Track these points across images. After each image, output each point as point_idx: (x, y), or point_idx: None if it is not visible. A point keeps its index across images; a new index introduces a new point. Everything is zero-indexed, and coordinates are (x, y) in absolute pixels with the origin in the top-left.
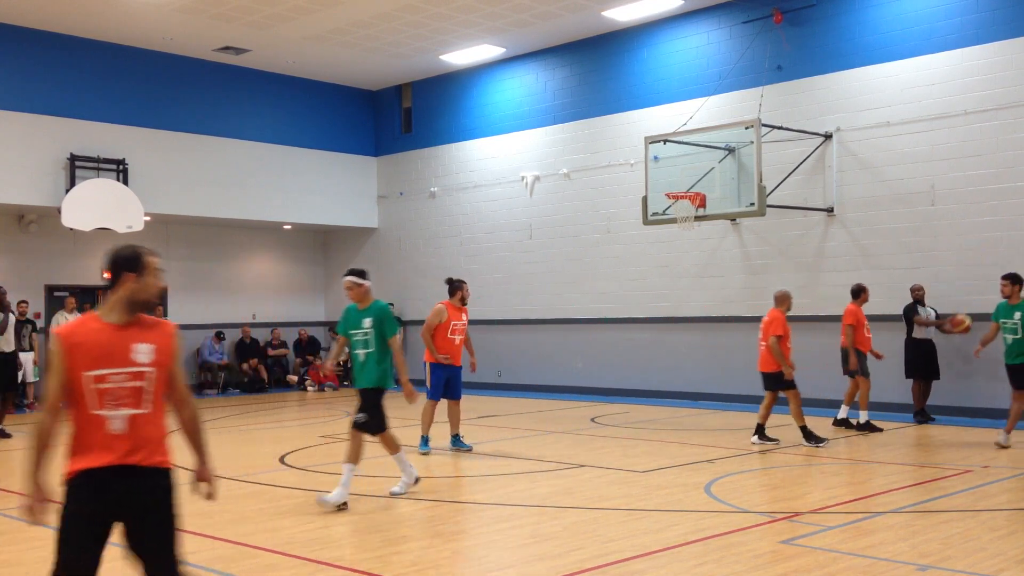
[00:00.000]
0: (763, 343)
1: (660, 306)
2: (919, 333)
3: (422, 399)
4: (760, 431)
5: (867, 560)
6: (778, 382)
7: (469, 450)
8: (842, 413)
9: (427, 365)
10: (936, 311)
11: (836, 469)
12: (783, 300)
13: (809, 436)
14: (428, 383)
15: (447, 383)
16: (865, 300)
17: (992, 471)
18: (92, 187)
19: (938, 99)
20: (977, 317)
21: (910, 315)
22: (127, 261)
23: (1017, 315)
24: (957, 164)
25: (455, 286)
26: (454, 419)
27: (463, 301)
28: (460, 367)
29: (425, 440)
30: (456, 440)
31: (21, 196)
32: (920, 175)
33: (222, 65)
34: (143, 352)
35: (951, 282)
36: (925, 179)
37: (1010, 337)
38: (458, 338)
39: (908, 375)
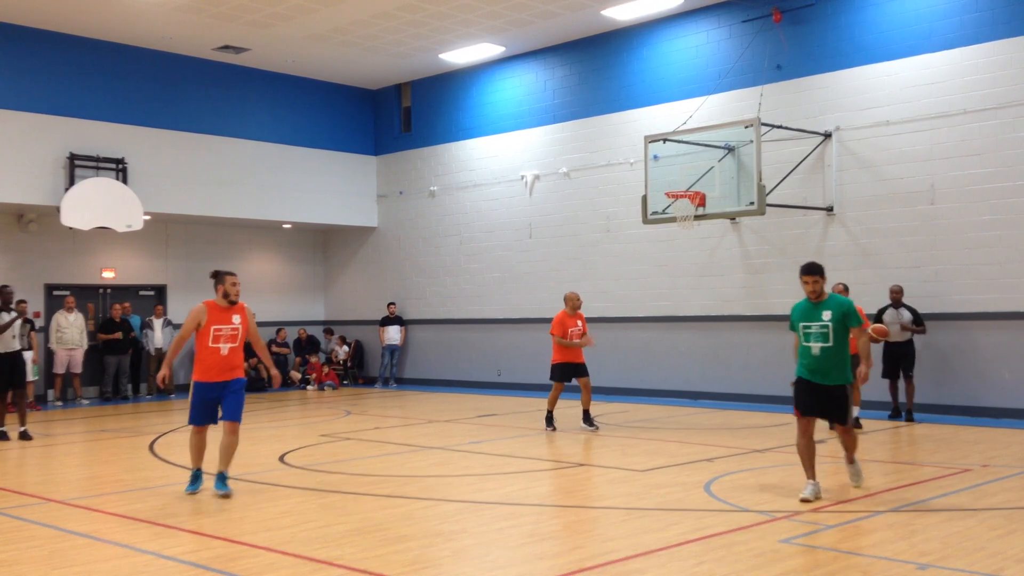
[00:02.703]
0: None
1: (660, 305)
2: (894, 335)
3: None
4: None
5: (867, 559)
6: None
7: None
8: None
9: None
10: (915, 312)
11: (835, 468)
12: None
13: None
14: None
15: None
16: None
17: (991, 470)
18: (91, 186)
19: (938, 98)
20: (977, 317)
21: (879, 317)
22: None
23: (827, 314)
24: (957, 163)
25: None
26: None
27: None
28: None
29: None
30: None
31: (21, 195)
32: (920, 174)
33: (222, 64)
34: None
35: (951, 281)
36: (925, 178)
37: (817, 346)
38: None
39: (884, 375)
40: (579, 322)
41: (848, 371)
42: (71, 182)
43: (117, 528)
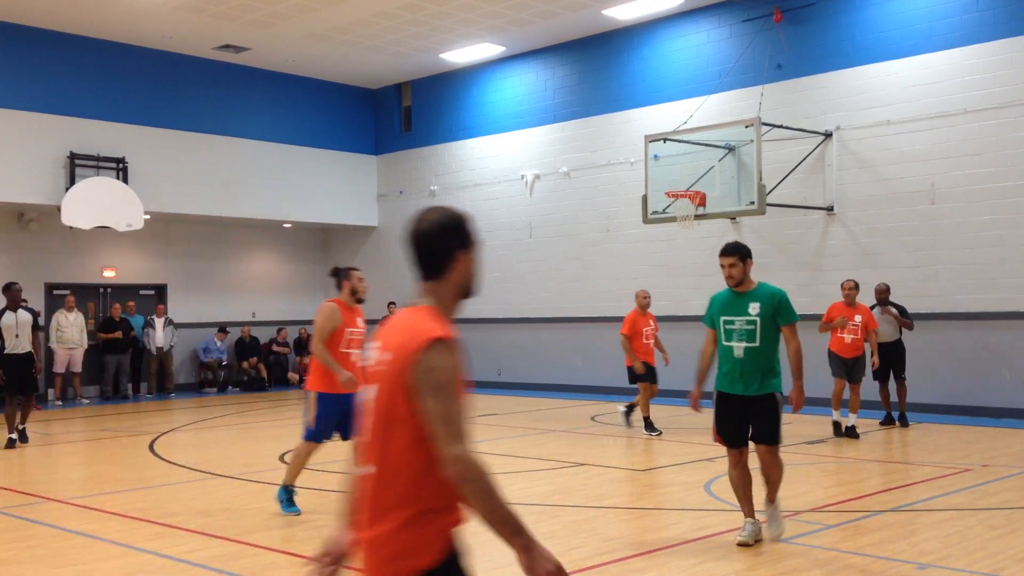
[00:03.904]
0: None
1: (660, 305)
2: (883, 335)
3: None
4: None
5: (866, 559)
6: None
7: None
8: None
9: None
10: (902, 309)
11: (835, 468)
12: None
13: None
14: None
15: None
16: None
17: (991, 470)
18: (92, 185)
19: (938, 98)
20: (977, 316)
21: None
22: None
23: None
24: (957, 163)
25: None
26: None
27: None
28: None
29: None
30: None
31: (21, 194)
32: (920, 174)
33: (222, 63)
34: None
35: (951, 281)
36: (925, 178)
37: (741, 346)
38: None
39: (874, 377)
40: (651, 321)
41: (779, 377)
42: (72, 181)
43: (117, 527)
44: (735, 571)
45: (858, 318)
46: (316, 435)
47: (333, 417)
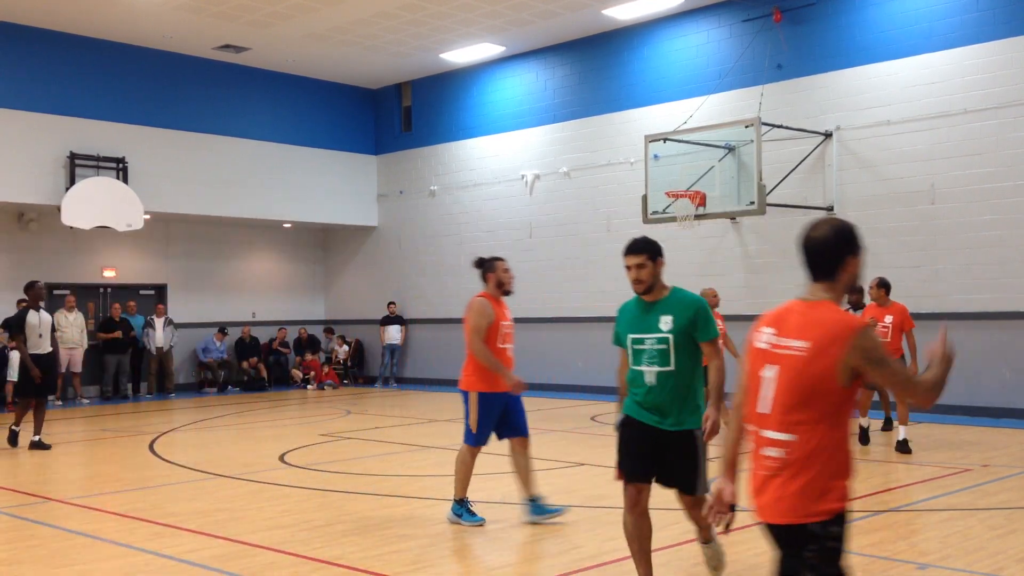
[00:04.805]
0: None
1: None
2: None
3: None
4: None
5: (866, 559)
6: None
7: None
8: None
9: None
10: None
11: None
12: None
13: None
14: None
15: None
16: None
17: (991, 470)
18: (92, 185)
19: (938, 98)
20: (977, 316)
21: None
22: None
23: (667, 321)
24: (957, 163)
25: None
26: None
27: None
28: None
29: None
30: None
31: (21, 194)
32: (920, 174)
33: (222, 63)
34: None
35: (951, 281)
36: (925, 178)
37: (654, 371)
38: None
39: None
40: (719, 321)
41: (700, 409)
42: (72, 181)
43: (117, 527)
44: (735, 571)
45: (889, 318)
46: (480, 438)
47: (494, 417)
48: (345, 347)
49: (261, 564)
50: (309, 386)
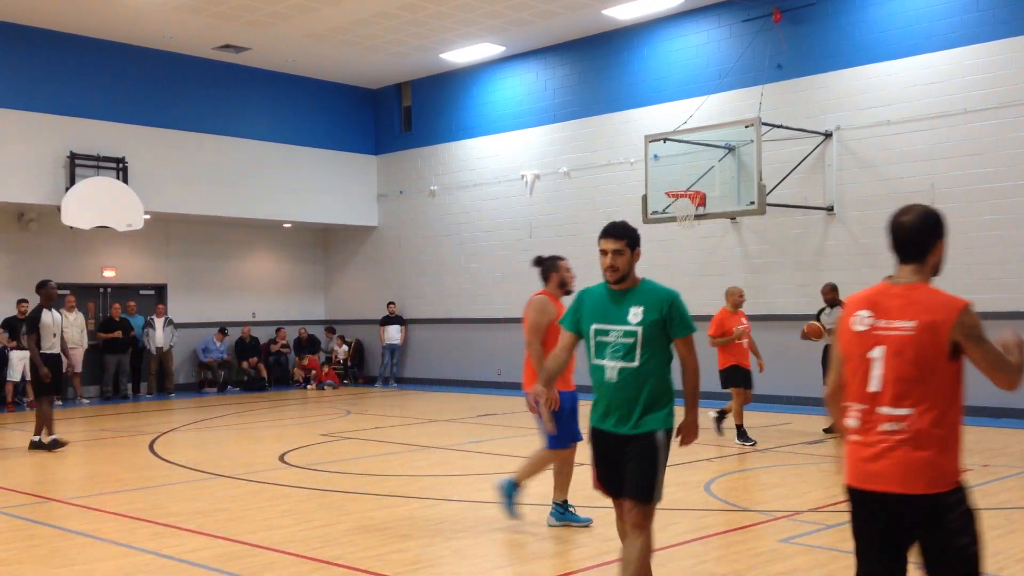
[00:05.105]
0: None
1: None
2: (827, 338)
3: None
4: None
5: None
6: None
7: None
8: None
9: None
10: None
11: (835, 468)
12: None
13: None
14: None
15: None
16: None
17: (991, 470)
18: (92, 185)
19: (938, 98)
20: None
21: (817, 319)
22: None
23: (637, 312)
24: (957, 163)
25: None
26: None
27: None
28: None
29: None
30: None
31: (21, 194)
32: (920, 174)
33: (222, 63)
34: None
35: (951, 281)
36: (925, 178)
37: (615, 366)
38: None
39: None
40: (743, 320)
41: (667, 410)
42: (72, 181)
43: (117, 527)
44: (735, 571)
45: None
46: (569, 437)
47: (574, 412)
48: (345, 347)
49: (261, 564)
50: (309, 386)
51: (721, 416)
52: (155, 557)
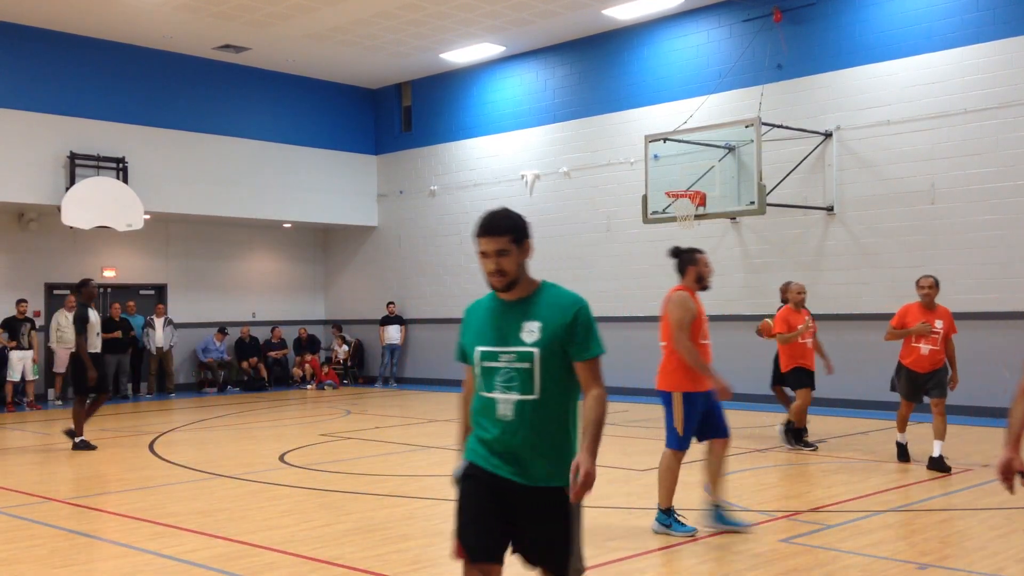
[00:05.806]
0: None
1: (660, 305)
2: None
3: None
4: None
5: (866, 559)
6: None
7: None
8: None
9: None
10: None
11: (835, 468)
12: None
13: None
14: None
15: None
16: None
17: (991, 470)
18: (92, 185)
19: (938, 98)
20: (979, 316)
21: None
22: None
23: (533, 328)
24: (957, 163)
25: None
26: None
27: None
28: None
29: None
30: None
31: (21, 194)
32: (920, 174)
33: (222, 63)
34: None
35: (951, 281)
36: (925, 178)
37: (511, 400)
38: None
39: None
40: (807, 318)
41: (571, 455)
42: (72, 181)
43: (117, 527)
44: (735, 571)
45: (939, 323)
46: (685, 441)
47: (698, 417)
48: (345, 347)
49: (261, 564)
50: (309, 386)
51: (790, 426)
52: (155, 557)
